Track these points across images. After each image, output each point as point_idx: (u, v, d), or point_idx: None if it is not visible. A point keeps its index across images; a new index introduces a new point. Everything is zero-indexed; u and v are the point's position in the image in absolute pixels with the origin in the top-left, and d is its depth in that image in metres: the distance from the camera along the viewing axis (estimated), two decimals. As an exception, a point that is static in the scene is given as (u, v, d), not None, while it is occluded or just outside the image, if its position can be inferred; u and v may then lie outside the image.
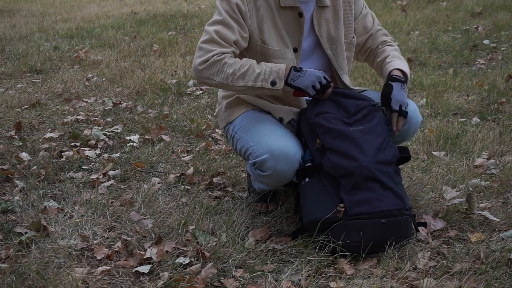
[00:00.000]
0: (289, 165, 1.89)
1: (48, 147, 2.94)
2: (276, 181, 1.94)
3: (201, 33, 6.15)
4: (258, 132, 1.95)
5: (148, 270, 1.78)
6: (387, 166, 1.87)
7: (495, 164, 2.54)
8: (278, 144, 1.88)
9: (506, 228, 2.01)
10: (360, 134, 1.88)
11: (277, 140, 1.89)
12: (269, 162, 1.87)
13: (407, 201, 1.88)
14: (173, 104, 3.68)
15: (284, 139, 1.91)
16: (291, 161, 1.88)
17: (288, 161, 1.88)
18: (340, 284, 1.69)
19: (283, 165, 1.88)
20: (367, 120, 1.93)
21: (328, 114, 1.92)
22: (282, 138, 1.91)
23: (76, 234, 2.02)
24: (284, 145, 1.88)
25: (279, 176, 1.90)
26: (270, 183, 1.97)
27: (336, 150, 1.86)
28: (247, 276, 1.75)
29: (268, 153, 1.87)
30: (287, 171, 1.89)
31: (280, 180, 1.94)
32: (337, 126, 1.89)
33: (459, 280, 1.69)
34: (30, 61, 4.93)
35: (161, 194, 2.38)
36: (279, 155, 1.87)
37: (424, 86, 3.80)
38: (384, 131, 1.92)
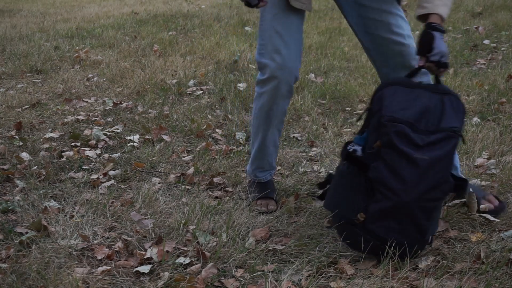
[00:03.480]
0: (286, 77, 2.08)
1: (48, 147, 2.94)
2: (271, 95, 2.12)
3: (201, 33, 6.15)
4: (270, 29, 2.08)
5: (149, 270, 1.78)
6: (433, 202, 1.78)
7: (495, 164, 2.54)
8: (282, 54, 2.05)
9: (506, 228, 2.01)
10: (423, 166, 1.74)
11: (282, 49, 2.05)
12: (269, 68, 2.08)
13: (429, 234, 1.81)
14: (174, 104, 3.68)
15: (288, 49, 2.05)
16: (289, 75, 2.08)
17: (287, 74, 2.07)
18: (341, 284, 1.69)
19: (281, 74, 2.07)
20: (438, 147, 1.76)
21: (402, 127, 1.75)
22: (288, 48, 2.05)
23: (76, 234, 2.02)
24: (287, 57, 2.05)
25: (275, 85, 2.09)
26: (265, 102, 2.15)
27: (390, 166, 1.75)
28: (248, 276, 1.75)
29: (271, 60, 2.07)
30: (284, 81, 2.08)
31: (275, 94, 2.11)
32: (405, 147, 1.74)
33: (459, 280, 1.69)
34: (30, 61, 4.93)
35: (161, 194, 2.38)
36: (281, 66, 2.06)
37: (425, 86, 3.79)
38: (449, 164, 1.79)
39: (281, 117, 2.23)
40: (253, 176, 2.35)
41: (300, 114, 3.40)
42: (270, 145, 2.28)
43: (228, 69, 4.51)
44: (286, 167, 2.64)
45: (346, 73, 4.28)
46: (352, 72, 4.31)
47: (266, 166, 2.33)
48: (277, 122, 2.23)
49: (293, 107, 3.49)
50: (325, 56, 4.91)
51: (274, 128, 2.24)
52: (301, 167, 2.61)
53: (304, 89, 3.86)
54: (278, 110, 2.19)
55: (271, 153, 2.30)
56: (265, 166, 2.32)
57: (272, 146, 2.29)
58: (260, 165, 2.32)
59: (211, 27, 6.54)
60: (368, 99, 3.63)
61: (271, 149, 2.29)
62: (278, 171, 2.60)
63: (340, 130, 3.12)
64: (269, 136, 2.26)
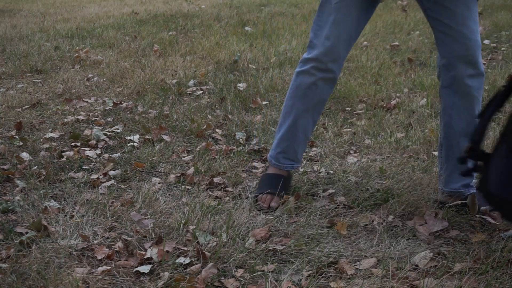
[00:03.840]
0: (331, 64, 2.13)
1: (48, 147, 2.94)
2: (312, 74, 2.15)
3: (201, 33, 6.15)
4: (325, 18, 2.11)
5: (149, 270, 1.78)
6: None
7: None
8: (332, 42, 2.10)
9: (507, 228, 2.01)
10: None
11: (334, 37, 2.09)
12: (317, 49, 2.13)
13: None
14: (174, 104, 3.68)
15: (339, 38, 2.09)
16: (334, 62, 2.13)
17: (332, 61, 2.13)
18: (341, 284, 1.69)
19: (326, 59, 2.12)
20: None
21: None
22: (339, 37, 2.09)
23: (76, 234, 2.02)
24: (336, 46, 2.10)
25: (318, 67, 2.14)
26: (304, 80, 2.17)
27: None
28: (248, 276, 1.75)
29: (321, 44, 2.12)
30: (328, 66, 2.13)
31: (316, 75, 2.15)
32: None
33: (460, 280, 1.69)
34: (30, 61, 4.93)
35: (161, 194, 2.38)
36: (329, 52, 2.11)
37: (425, 86, 3.80)
38: None
39: (319, 106, 2.21)
40: (275, 161, 2.28)
41: (300, 114, 3.40)
42: (301, 132, 2.23)
43: (228, 69, 4.52)
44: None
45: (346, 73, 4.28)
46: (352, 72, 4.31)
47: (291, 154, 2.25)
48: (313, 109, 2.20)
49: (293, 107, 3.49)
50: (325, 56, 4.90)
51: (309, 113, 2.20)
52: (301, 167, 2.61)
53: (304, 89, 3.86)
54: (316, 94, 2.18)
55: (300, 141, 2.24)
56: (290, 153, 2.25)
57: (302, 133, 2.23)
58: (286, 149, 2.25)
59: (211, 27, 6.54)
60: (368, 99, 3.63)
61: (300, 136, 2.23)
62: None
63: (340, 130, 3.12)
64: (301, 120, 2.21)
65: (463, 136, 2.12)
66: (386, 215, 2.12)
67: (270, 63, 4.68)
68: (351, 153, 2.80)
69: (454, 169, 2.16)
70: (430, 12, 2.08)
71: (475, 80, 2.07)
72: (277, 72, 4.29)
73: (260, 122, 3.26)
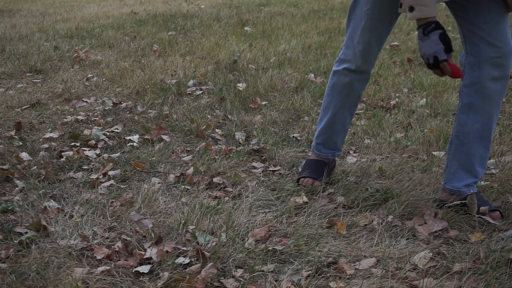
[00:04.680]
0: (364, 64, 2.24)
1: (48, 147, 2.94)
2: (346, 75, 2.27)
3: (201, 33, 6.15)
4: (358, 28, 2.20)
5: (148, 270, 1.78)
6: None
7: (495, 164, 2.55)
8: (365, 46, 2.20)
9: (506, 228, 2.01)
10: None
11: (367, 44, 2.19)
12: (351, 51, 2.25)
13: None
14: (173, 104, 3.68)
15: (372, 44, 2.18)
16: (366, 62, 2.24)
17: (364, 62, 2.23)
18: (340, 284, 1.69)
19: (359, 61, 2.24)
20: None
21: None
22: (372, 43, 2.18)
23: (76, 234, 2.02)
24: (369, 50, 2.20)
25: (352, 68, 2.25)
26: (339, 80, 2.30)
27: None
28: (247, 276, 1.75)
29: (353, 47, 2.23)
30: (361, 66, 2.24)
31: (350, 76, 2.27)
32: None
33: (459, 280, 1.70)
34: (30, 61, 4.93)
35: (161, 194, 2.38)
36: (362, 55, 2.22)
37: (424, 86, 3.80)
38: None
39: (355, 100, 2.36)
40: (316, 151, 2.43)
41: (300, 114, 3.40)
42: (339, 124, 2.38)
43: (227, 69, 4.52)
44: (286, 167, 2.64)
45: (346, 73, 4.28)
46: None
47: (331, 144, 2.41)
48: (349, 103, 2.35)
49: (293, 107, 3.50)
50: (325, 56, 4.91)
51: (345, 108, 2.35)
52: (301, 167, 2.61)
53: (303, 89, 3.86)
54: (351, 91, 2.32)
55: (338, 133, 2.39)
56: (330, 143, 2.41)
57: (340, 125, 2.38)
58: (325, 141, 2.41)
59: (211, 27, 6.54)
60: (367, 99, 3.63)
61: (338, 128, 2.39)
62: (278, 171, 2.60)
63: (340, 130, 3.12)
64: (339, 115, 2.36)
65: (476, 138, 2.11)
66: (386, 215, 2.12)
67: (269, 63, 4.68)
68: (350, 153, 2.81)
69: (460, 168, 2.16)
70: (460, 12, 2.08)
71: (499, 83, 2.06)
72: (276, 72, 4.29)
73: (259, 122, 3.26)
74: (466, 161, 2.15)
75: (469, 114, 2.11)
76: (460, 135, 2.15)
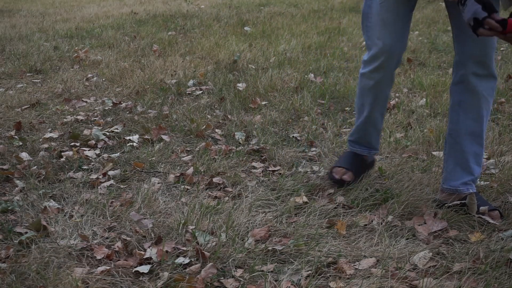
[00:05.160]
0: (388, 62, 2.18)
1: (48, 147, 2.94)
2: (372, 77, 2.22)
3: (200, 33, 6.15)
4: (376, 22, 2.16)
5: (148, 270, 1.78)
6: None
7: (494, 164, 2.55)
8: (385, 40, 2.15)
9: (506, 228, 2.01)
10: None
11: (387, 36, 2.14)
12: (373, 51, 2.19)
13: None
14: (173, 104, 3.68)
15: (392, 36, 2.13)
16: (391, 59, 2.17)
17: (388, 59, 2.17)
18: (340, 284, 1.69)
19: (383, 58, 2.17)
20: None
21: None
22: (391, 35, 2.13)
23: (76, 234, 2.02)
24: (390, 44, 2.14)
25: (377, 68, 2.20)
26: (366, 82, 2.26)
27: None
28: (247, 276, 1.76)
29: (375, 45, 2.18)
30: (385, 65, 2.18)
31: (376, 76, 2.22)
32: None
33: (459, 280, 1.70)
34: (30, 61, 4.93)
35: (161, 194, 2.38)
36: (384, 51, 2.16)
37: (424, 86, 3.80)
38: None
39: (383, 102, 2.33)
40: (351, 146, 2.45)
41: (300, 114, 3.40)
42: (370, 126, 2.38)
43: (227, 69, 4.52)
44: (286, 167, 2.64)
45: (346, 73, 4.28)
46: (351, 72, 4.31)
47: (365, 143, 2.42)
48: (378, 105, 2.32)
49: (293, 107, 3.50)
50: (325, 56, 4.91)
51: (375, 110, 2.33)
52: (300, 167, 2.61)
53: (303, 89, 3.86)
54: (379, 92, 2.29)
55: (371, 133, 2.40)
56: (363, 142, 2.42)
57: (372, 127, 2.38)
58: (358, 139, 2.42)
59: (211, 27, 6.54)
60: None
61: (371, 130, 2.39)
62: (278, 171, 2.60)
63: (340, 130, 3.12)
64: (370, 117, 2.35)
65: (468, 134, 2.16)
66: (386, 215, 2.12)
67: (269, 63, 4.68)
68: (350, 153, 2.80)
69: (455, 166, 2.18)
70: (451, 9, 2.14)
71: (484, 81, 2.10)
72: (276, 72, 4.29)
73: (259, 122, 3.26)
74: (460, 159, 2.17)
75: (459, 112, 2.16)
76: (453, 133, 2.20)
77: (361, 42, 5.40)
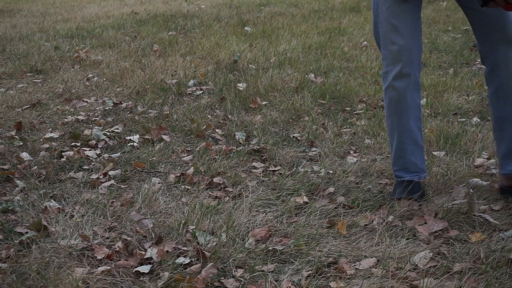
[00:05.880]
0: (407, 67, 2.12)
1: (48, 147, 2.94)
2: (396, 86, 2.14)
3: (201, 33, 6.15)
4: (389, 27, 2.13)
5: (149, 270, 1.78)
6: None
7: (495, 164, 2.54)
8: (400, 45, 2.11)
9: (506, 228, 2.01)
10: None
11: (399, 40, 2.10)
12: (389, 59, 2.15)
13: None
14: (173, 104, 3.68)
15: (405, 40, 2.10)
16: (410, 64, 2.12)
17: (407, 64, 2.11)
18: (340, 284, 1.69)
19: (401, 64, 2.12)
20: None
21: None
22: (404, 39, 2.10)
23: (76, 234, 2.02)
24: (405, 48, 2.10)
25: (398, 76, 2.13)
26: (392, 95, 2.16)
27: None
28: (247, 276, 1.76)
29: (390, 52, 2.14)
30: (405, 71, 2.12)
31: (399, 85, 2.13)
32: None
33: (459, 280, 1.70)
34: (30, 61, 4.94)
35: (161, 194, 2.38)
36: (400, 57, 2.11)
37: (424, 86, 3.80)
38: None
39: (415, 112, 2.19)
40: (397, 178, 2.27)
41: (300, 114, 3.40)
42: (409, 143, 2.20)
43: (228, 69, 4.52)
44: (286, 167, 2.64)
45: (346, 73, 4.28)
46: (352, 72, 4.31)
47: (411, 167, 2.23)
48: (411, 117, 2.18)
49: (293, 107, 3.50)
50: (325, 56, 4.91)
51: (409, 124, 2.18)
52: (301, 167, 2.61)
53: (304, 89, 3.86)
54: (407, 103, 2.16)
55: (412, 151, 2.22)
56: (409, 166, 2.23)
57: (412, 144, 2.21)
58: (403, 166, 2.24)
59: (211, 27, 6.54)
60: (367, 99, 3.63)
61: (411, 147, 2.21)
62: (278, 171, 2.60)
63: (340, 130, 3.12)
64: (406, 134, 2.20)
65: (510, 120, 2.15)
66: (386, 215, 2.12)
67: (269, 63, 4.68)
68: (351, 153, 2.81)
69: (507, 152, 2.19)
70: (465, 2, 2.12)
71: None
72: (277, 72, 4.29)
73: (260, 122, 3.26)
74: (509, 145, 2.17)
75: (500, 97, 2.14)
76: (498, 120, 2.19)
77: (361, 42, 5.40)
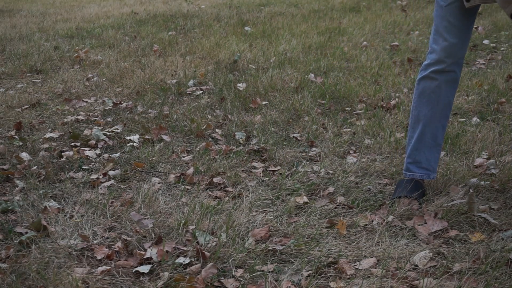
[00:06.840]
0: (451, 64, 2.17)
1: (48, 147, 2.94)
2: (434, 78, 2.18)
3: (201, 33, 6.15)
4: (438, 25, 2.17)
5: (148, 270, 1.78)
6: None
7: (495, 164, 2.55)
8: (450, 42, 2.15)
9: (506, 228, 2.01)
10: None
11: (451, 38, 2.14)
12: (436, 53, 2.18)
13: None
14: (173, 104, 3.68)
15: (456, 38, 2.14)
16: (454, 62, 2.17)
17: (452, 61, 2.16)
18: (340, 284, 1.70)
19: (446, 60, 2.17)
20: None
21: None
22: (455, 37, 2.14)
23: (76, 234, 2.02)
24: (454, 46, 2.15)
25: (440, 70, 2.17)
26: (427, 86, 2.19)
27: None
28: (247, 276, 1.76)
29: (439, 47, 2.17)
30: (448, 67, 2.17)
31: (438, 78, 2.17)
32: None
33: (459, 280, 1.70)
34: (30, 61, 4.93)
35: (161, 194, 2.38)
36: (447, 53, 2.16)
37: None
38: None
39: (445, 108, 2.23)
40: (407, 171, 2.28)
41: (300, 114, 3.40)
42: (429, 137, 2.24)
43: (228, 69, 4.52)
44: (286, 167, 2.64)
45: (346, 73, 4.28)
46: (351, 72, 4.31)
47: (424, 162, 2.26)
48: (440, 113, 2.22)
49: (293, 107, 3.50)
50: (325, 56, 4.91)
51: (436, 118, 2.22)
52: (301, 167, 2.61)
53: (303, 89, 3.86)
54: (440, 97, 2.21)
55: (430, 148, 2.24)
56: (423, 161, 2.26)
57: (432, 139, 2.24)
58: (417, 159, 2.26)
59: (211, 27, 6.54)
60: (367, 99, 3.63)
61: (429, 142, 2.24)
62: (278, 171, 2.60)
63: (340, 130, 3.12)
64: (430, 127, 2.23)
65: None
66: (386, 215, 2.12)
67: (269, 63, 4.68)
68: (350, 153, 2.81)
69: None
70: None
71: None
72: (276, 72, 4.29)
73: (260, 122, 3.26)
74: None
75: None
76: None
77: (361, 42, 5.40)
